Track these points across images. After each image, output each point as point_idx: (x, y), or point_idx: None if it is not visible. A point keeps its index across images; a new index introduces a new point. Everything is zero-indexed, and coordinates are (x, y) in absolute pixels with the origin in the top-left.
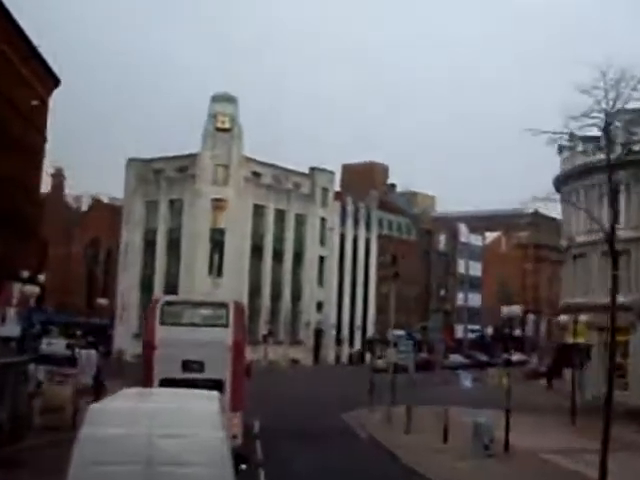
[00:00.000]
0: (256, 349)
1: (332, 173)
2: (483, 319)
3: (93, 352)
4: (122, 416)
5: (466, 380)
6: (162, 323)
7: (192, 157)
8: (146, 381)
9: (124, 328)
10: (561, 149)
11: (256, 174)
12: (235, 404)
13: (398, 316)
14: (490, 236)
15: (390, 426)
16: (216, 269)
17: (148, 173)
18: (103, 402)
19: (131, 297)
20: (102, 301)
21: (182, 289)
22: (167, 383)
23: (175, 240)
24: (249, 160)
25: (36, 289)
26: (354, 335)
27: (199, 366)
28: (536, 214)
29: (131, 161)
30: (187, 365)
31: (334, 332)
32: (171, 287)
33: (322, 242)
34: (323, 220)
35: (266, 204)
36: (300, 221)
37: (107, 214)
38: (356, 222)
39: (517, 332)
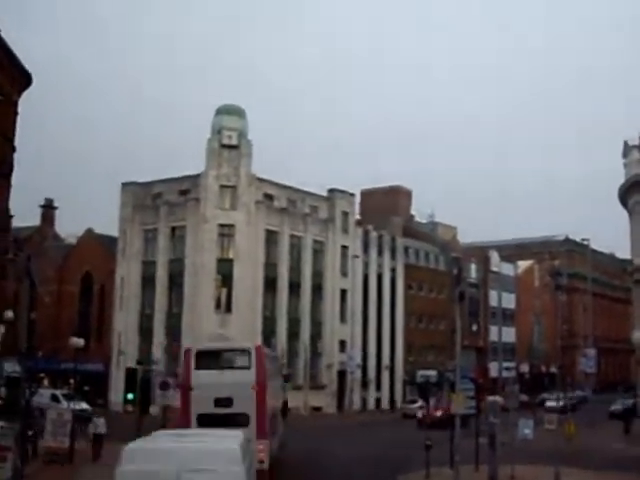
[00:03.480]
0: None
1: (353, 195)
2: (518, 355)
3: (66, 408)
4: (155, 455)
5: (527, 429)
6: (197, 368)
7: (195, 178)
8: (184, 416)
9: (121, 375)
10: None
11: (268, 196)
12: (260, 432)
13: (427, 354)
14: (522, 265)
15: None
16: (224, 305)
17: (146, 198)
18: (137, 442)
19: (129, 339)
20: (76, 340)
21: (186, 328)
22: (202, 417)
23: (177, 273)
24: (260, 180)
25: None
26: (381, 376)
27: (228, 402)
28: (568, 241)
29: (126, 185)
30: (218, 401)
31: (359, 374)
32: (174, 326)
33: (343, 272)
34: (344, 248)
35: (280, 230)
36: (318, 249)
37: (100, 246)
38: (380, 250)
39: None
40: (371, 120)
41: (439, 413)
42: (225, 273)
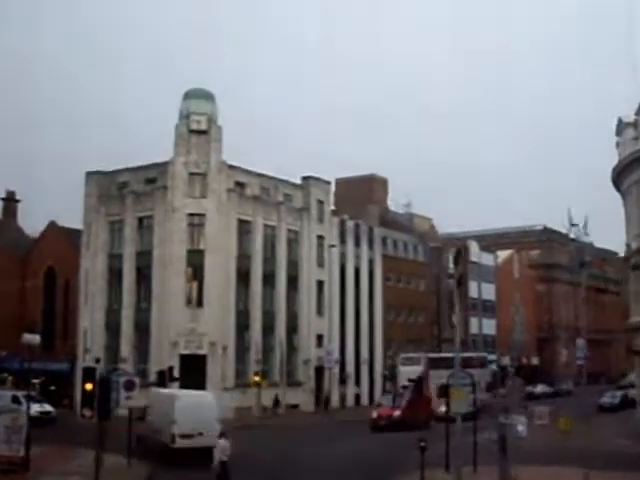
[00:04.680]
0: (246, 394)
1: (328, 183)
2: (499, 347)
3: (23, 412)
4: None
5: (521, 426)
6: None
7: (162, 166)
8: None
9: None
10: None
11: (240, 184)
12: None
13: (408, 347)
14: (502, 255)
15: None
16: (195, 299)
17: (111, 188)
18: (182, 399)
19: (95, 335)
20: (30, 337)
21: (155, 324)
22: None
23: (145, 266)
24: (231, 168)
25: None
26: (360, 371)
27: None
28: (546, 230)
29: (90, 175)
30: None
31: (337, 369)
32: (142, 322)
33: (320, 263)
34: (320, 238)
35: (253, 219)
36: (293, 239)
37: (64, 239)
38: (357, 240)
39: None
40: (342, 105)
41: (396, 413)
42: (195, 265)
